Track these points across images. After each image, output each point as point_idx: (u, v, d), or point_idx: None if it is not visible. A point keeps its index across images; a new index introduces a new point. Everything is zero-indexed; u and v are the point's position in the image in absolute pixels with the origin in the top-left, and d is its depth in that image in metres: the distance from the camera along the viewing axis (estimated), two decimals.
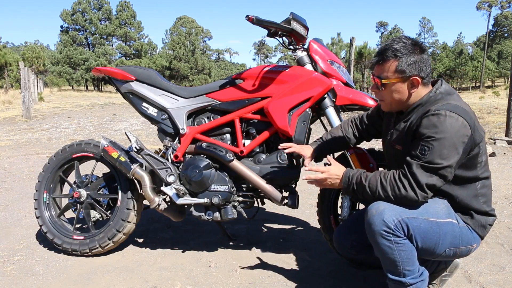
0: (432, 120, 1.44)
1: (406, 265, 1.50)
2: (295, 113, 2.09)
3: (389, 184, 1.49)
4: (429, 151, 1.43)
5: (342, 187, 1.61)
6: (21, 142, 7.35)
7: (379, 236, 1.48)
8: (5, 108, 14.09)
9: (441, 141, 1.41)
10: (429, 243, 1.51)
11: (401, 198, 1.47)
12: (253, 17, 1.90)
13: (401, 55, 1.52)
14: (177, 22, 58.37)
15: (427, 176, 1.44)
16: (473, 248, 1.62)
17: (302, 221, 3.00)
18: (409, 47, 1.53)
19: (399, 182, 1.47)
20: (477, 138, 1.48)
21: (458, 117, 1.43)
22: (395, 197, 1.48)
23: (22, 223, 2.94)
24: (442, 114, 1.43)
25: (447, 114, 1.43)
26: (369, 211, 1.51)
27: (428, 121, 1.45)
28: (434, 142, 1.42)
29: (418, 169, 1.44)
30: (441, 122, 1.42)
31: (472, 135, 1.45)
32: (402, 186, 1.46)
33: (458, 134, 1.42)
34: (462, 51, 48.74)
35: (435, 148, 1.42)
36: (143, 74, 2.37)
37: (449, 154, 1.42)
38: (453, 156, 1.43)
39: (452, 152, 1.42)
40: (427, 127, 1.45)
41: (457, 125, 1.42)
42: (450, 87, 1.59)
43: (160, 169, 2.19)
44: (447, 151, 1.42)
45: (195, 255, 2.37)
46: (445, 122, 1.42)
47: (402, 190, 1.46)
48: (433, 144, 1.42)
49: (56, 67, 37.74)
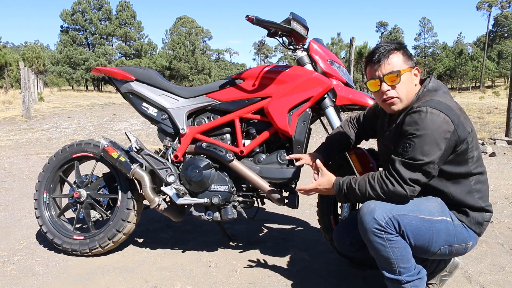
0: (413, 117, 1.46)
1: (400, 263, 1.50)
2: (295, 113, 2.09)
3: (377, 183, 1.51)
4: (410, 148, 1.45)
5: (335, 195, 1.65)
6: (21, 142, 7.35)
7: (371, 234, 1.49)
8: (5, 108, 14.09)
9: (422, 138, 1.43)
10: (422, 240, 1.51)
11: (390, 194, 1.49)
12: (253, 17, 1.90)
13: (400, 46, 1.58)
14: (177, 22, 58.34)
15: (409, 172, 1.46)
16: (470, 246, 1.62)
17: (302, 221, 3.00)
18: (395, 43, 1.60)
19: (386, 179, 1.49)
20: (462, 133, 1.48)
21: (439, 113, 1.44)
22: (385, 194, 1.50)
23: (22, 223, 2.94)
24: (423, 110, 1.44)
25: (428, 111, 1.44)
26: (361, 210, 1.53)
27: (410, 118, 1.47)
28: (415, 139, 1.44)
29: (401, 165, 1.47)
30: (422, 119, 1.44)
31: (455, 130, 1.46)
32: (390, 182, 1.48)
33: (440, 130, 1.43)
34: (462, 51, 48.75)
35: (416, 144, 1.44)
36: (143, 74, 2.37)
37: (431, 150, 1.43)
38: (434, 152, 1.44)
39: (434, 149, 1.44)
40: (409, 124, 1.47)
41: (438, 121, 1.43)
42: (438, 83, 1.60)
43: (160, 169, 2.19)
44: (428, 148, 1.43)
45: (195, 255, 2.37)
46: (426, 118, 1.43)
47: (390, 186, 1.48)
48: (414, 141, 1.44)
49: (56, 67, 37.76)
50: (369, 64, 1.60)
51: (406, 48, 1.60)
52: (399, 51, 1.57)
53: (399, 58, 1.56)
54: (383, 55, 1.56)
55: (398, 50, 1.57)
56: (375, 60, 1.57)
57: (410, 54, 1.59)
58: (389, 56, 1.56)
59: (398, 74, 1.54)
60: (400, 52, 1.57)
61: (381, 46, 1.58)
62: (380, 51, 1.56)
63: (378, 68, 1.57)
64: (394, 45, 1.58)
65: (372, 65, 1.58)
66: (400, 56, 1.56)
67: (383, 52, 1.56)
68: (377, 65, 1.56)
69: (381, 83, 1.57)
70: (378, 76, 1.57)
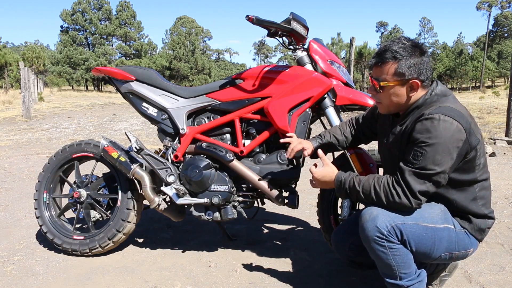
0: (425, 124, 1.41)
1: (401, 269, 1.49)
2: (295, 113, 2.09)
3: (382, 191, 1.47)
4: (422, 156, 1.40)
5: (335, 190, 1.62)
6: (21, 142, 7.35)
7: (373, 242, 1.47)
8: (5, 108, 14.09)
9: (434, 147, 1.38)
10: (424, 248, 1.50)
11: (394, 205, 1.46)
12: (253, 17, 1.90)
13: (401, 57, 1.48)
14: (177, 22, 58.36)
15: (419, 183, 1.41)
16: (470, 253, 1.61)
17: (302, 221, 3.00)
18: (409, 49, 1.48)
19: (393, 189, 1.45)
20: (473, 141, 1.44)
21: (452, 121, 1.39)
22: (389, 204, 1.47)
23: (22, 223, 2.94)
24: (436, 118, 1.40)
25: (441, 118, 1.39)
26: (363, 216, 1.50)
27: (421, 125, 1.42)
28: (427, 147, 1.39)
29: (411, 176, 1.42)
30: (434, 126, 1.39)
31: (467, 138, 1.42)
32: (396, 194, 1.44)
33: (452, 139, 1.39)
34: (462, 51, 48.70)
35: (428, 153, 1.39)
36: (143, 74, 2.37)
37: (443, 160, 1.39)
38: (446, 161, 1.40)
39: (446, 158, 1.39)
40: (421, 132, 1.41)
41: (451, 129, 1.38)
42: (445, 88, 1.56)
43: (160, 169, 2.19)
44: (440, 157, 1.39)
45: (195, 255, 2.37)
46: (439, 126, 1.38)
47: (396, 197, 1.44)
48: (426, 150, 1.39)
49: (56, 67, 37.73)
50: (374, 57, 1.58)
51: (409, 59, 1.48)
52: (396, 63, 1.48)
53: (391, 70, 1.49)
54: (380, 59, 1.52)
55: (396, 61, 1.48)
56: (374, 58, 1.56)
57: (410, 65, 1.48)
58: (382, 64, 1.51)
59: (381, 86, 1.52)
60: (396, 64, 1.48)
61: (387, 50, 1.50)
62: (381, 54, 1.52)
63: (373, 67, 1.56)
64: (398, 54, 1.48)
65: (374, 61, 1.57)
66: (393, 69, 1.49)
67: (383, 56, 1.51)
68: (374, 64, 1.56)
69: (372, 82, 1.57)
70: (371, 73, 1.58)
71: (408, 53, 1.48)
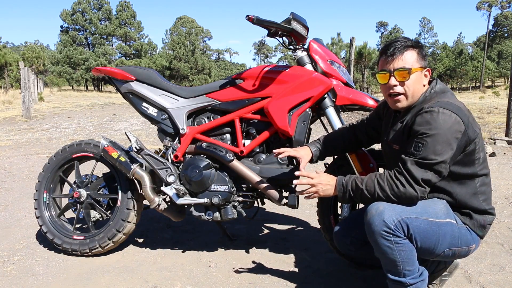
0: (425, 117, 1.46)
1: (406, 265, 1.50)
2: (295, 113, 2.09)
3: (386, 184, 1.49)
4: (423, 147, 1.45)
5: (338, 195, 1.61)
6: (21, 142, 7.35)
7: (379, 236, 1.48)
8: (5, 108, 14.09)
9: (434, 137, 1.43)
10: (428, 243, 1.51)
11: (400, 195, 1.48)
12: (253, 17, 1.90)
13: (416, 45, 1.57)
14: (177, 22, 58.33)
15: (422, 171, 1.45)
16: (472, 249, 1.62)
17: (302, 221, 3.00)
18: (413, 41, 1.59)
19: (396, 180, 1.48)
20: (471, 134, 1.49)
21: (451, 114, 1.45)
22: (395, 196, 1.48)
23: (22, 223, 2.94)
24: (435, 111, 1.45)
25: (440, 111, 1.45)
26: (369, 211, 1.51)
27: (421, 118, 1.47)
28: (427, 138, 1.44)
29: (413, 165, 1.46)
30: (434, 118, 1.44)
31: (466, 131, 1.47)
32: (400, 183, 1.47)
33: (451, 130, 1.44)
34: (462, 51, 48.73)
35: (429, 144, 1.44)
36: (143, 74, 2.37)
37: (443, 149, 1.44)
38: (446, 151, 1.44)
39: (446, 148, 1.44)
40: (421, 124, 1.47)
41: (450, 121, 1.44)
42: (444, 86, 1.61)
43: (160, 169, 2.19)
44: (440, 147, 1.43)
45: (195, 255, 2.37)
46: (438, 118, 1.44)
47: (400, 187, 1.47)
48: (426, 141, 1.44)
49: (56, 67, 37.74)
50: (383, 56, 1.59)
51: (422, 48, 1.60)
52: (415, 49, 1.57)
53: (413, 56, 1.56)
54: (398, 49, 1.55)
55: (414, 48, 1.57)
56: (389, 53, 1.57)
57: (425, 54, 1.60)
58: (404, 52, 1.55)
59: (409, 72, 1.54)
60: (415, 51, 1.57)
61: (398, 41, 1.58)
62: (396, 45, 1.56)
63: (390, 61, 1.56)
64: (411, 42, 1.58)
65: (386, 57, 1.58)
66: (414, 54, 1.56)
67: (399, 46, 1.56)
68: (391, 58, 1.56)
69: (390, 77, 1.57)
70: (388, 69, 1.57)
71: (414, 43, 1.58)
